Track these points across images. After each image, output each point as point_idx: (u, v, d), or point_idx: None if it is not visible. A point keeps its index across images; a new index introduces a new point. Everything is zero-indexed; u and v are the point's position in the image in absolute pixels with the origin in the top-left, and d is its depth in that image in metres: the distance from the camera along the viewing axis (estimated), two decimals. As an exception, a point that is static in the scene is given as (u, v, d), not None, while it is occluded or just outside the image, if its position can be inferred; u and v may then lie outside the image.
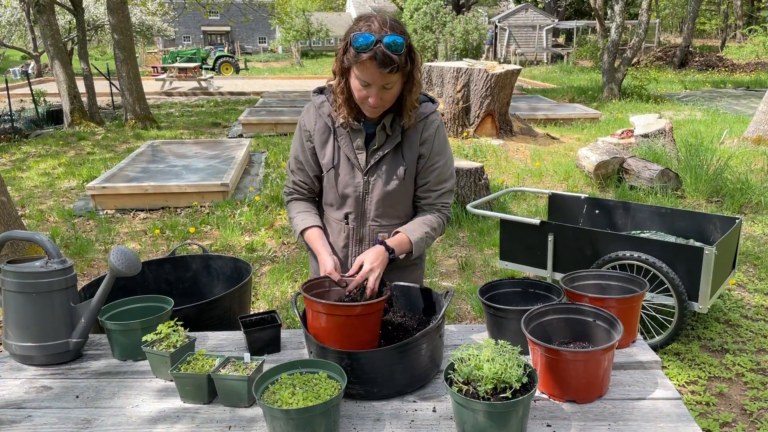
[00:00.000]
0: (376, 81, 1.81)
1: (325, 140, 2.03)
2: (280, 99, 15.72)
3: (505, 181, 7.38)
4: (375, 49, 1.75)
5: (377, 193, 2.03)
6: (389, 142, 1.99)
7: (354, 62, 1.80)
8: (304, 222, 2.09)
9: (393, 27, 1.80)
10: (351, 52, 1.79)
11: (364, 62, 1.77)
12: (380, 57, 1.75)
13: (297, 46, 35.61)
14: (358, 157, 2.01)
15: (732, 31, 35.82)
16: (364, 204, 2.05)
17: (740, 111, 13.21)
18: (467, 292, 4.52)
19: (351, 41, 1.79)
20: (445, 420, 1.56)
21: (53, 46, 11.40)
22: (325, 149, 2.04)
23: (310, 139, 2.06)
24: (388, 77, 1.80)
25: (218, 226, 6.01)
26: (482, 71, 9.15)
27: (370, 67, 1.78)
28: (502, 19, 29.07)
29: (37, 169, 8.62)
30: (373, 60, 1.76)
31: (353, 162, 2.01)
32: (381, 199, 2.04)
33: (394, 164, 2.01)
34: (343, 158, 2.02)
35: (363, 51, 1.76)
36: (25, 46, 25.48)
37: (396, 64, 1.77)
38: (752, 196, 6.45)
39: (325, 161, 2.04)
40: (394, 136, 1.99)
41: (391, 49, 1.75)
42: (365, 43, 1.75)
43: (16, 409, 1.66)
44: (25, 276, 1.84)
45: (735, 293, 4.48)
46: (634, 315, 1.89)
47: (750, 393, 3.28)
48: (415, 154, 2.02)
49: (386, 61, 1.76)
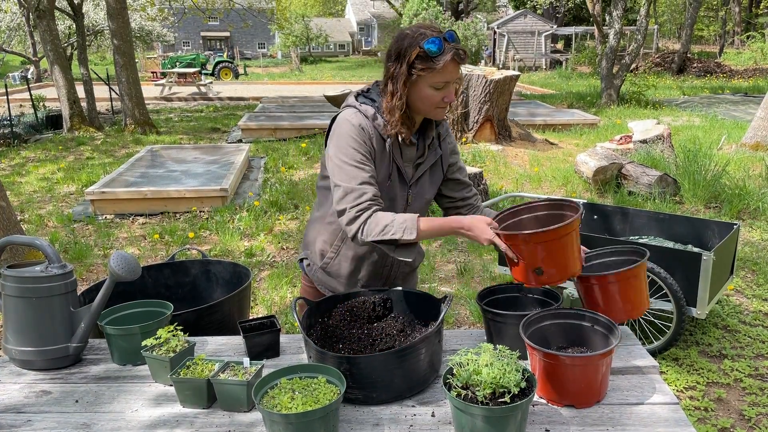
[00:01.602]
0: (453, 77, 1.85)
1: (383, 153, 1.94)
2: (279, 104, 15.77)
3: (503, 187, 7.40)
4: (451, 46, 1.80)
5: (417, 204, 2.06)
6: (432, 155, 2.04)
7: (434, 67, 1.81)
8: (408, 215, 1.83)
9: (435, 27, 1.85)
10: (426, 62, 1.80)
11: (447, 63, 1.81)
12: (458, 52, 1.81)
13: (296, 52, 35.67)
14: (406, 170, 2.00)
15: (730, 37, 35.96)
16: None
17: (738, 117, 13.25)
18: (466, 297, 4.53)
19: (425, 51, 1.79)
20: (443, 425, 1.56)
21: (53, 51, 11.42)
22: (382, 163, 1.95)
23: (372, 149, 1.91)
24: (459, 71, 1.87)
25: (217, 231, 6.01)
26: (481, 77, 9.18)
27: (450, 65, 1.82)
28: (500, 25, 29.16)
29: (36, 174, 8.62)
30: (455, 57, 1.81)
31: (404, 174, 2.00)
32: (418, 210, 2.06)
33: (434, 177, 2.08)
34: (395, 171, 1.98)
35: (444, 53, 1.79)
36: (24, 51, 25.51)
37: (466, 53, 1.84)
38: (750, 201, 6.47)
39: (382, 175, 1.95)
40: (434, 148, 2.04)
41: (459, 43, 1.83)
42: (440, 46, 1.79)
43: (15, 414, 1.66)
44: (25, 281, 1.84)
45: (733, 299, 4.48)
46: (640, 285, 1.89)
47: (748, 398, 3.29)
48: (447, 163, 2.11)
49: (462, 54, 1.82)
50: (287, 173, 8.39)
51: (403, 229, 1.78)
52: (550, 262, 1.72)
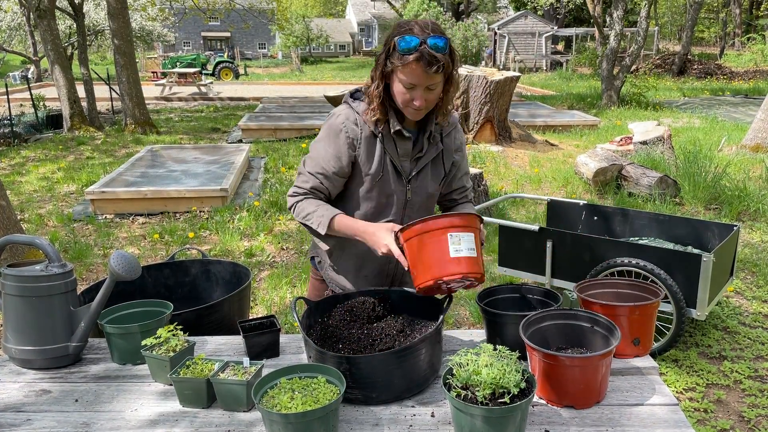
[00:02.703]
0: (421, 82, 1.82)
1: (372, 149, 1.97)
2: (279, 105, 15.76)
3: (504, 188, 7.40)
4: (421, 50, 1.77)
5: (418, 199, 2.05)
6: (432, 150, 2.02)
7: (400, 65, 1.81)
8: (329, 211, 1.96)
9: (434, 29, 1.82)
10: (396, 56, 1.81)
11: (411, 64, 1.79)
12: (427, 57, 1.77)
13: (297, 52, 35.69)
14: (402, 164, 2.00)
15: (731, 39, 35.97)
16: (405, 211, 2.06)
17: (738, 118, 13.25)
18: (465, 297, 4.53)
19: (395, 45, 1.80)
20: (443, 425, 1.56)
21: (53, 50, 11.42)
22: (373, 158, 1.98)
23: (354, 147, 1.96)
24: (432, 78, 1.82)
25: (217, 231, 6.01)
26: (481, 78, 9.18)
27: (417, 69, 1.80)
28: (501, 26, 29.16)
29: (36, 173, 8.62)
30: (420, 61, 1.78)
31: (400, 169, 2.00)
32: (421, 206, 2.07)
33: (435, 171, 2.06)
34: (389, 166, 1.99)
35: (409, 53, 1.78)
36: (25, 51, 25.50)
37: (441, 63, 1.79)
38: (750, 203, 6.47)
39: (373, 170, 1.98)
40: (435, 143, 2.03)
41: (435, 50, 1.78)
42: (411, 45, 1.78)
43: (15, 413, 1.66)
44: (25, 280, 1.84)
45: (733, 300, 4.48)
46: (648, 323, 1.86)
47: (748, 400, 3.29)
48: (451, 160, 2.10)
49: (432, 61, 1.78)
50: (287, 173, 8.39)
51: (318, 222, 1.95)
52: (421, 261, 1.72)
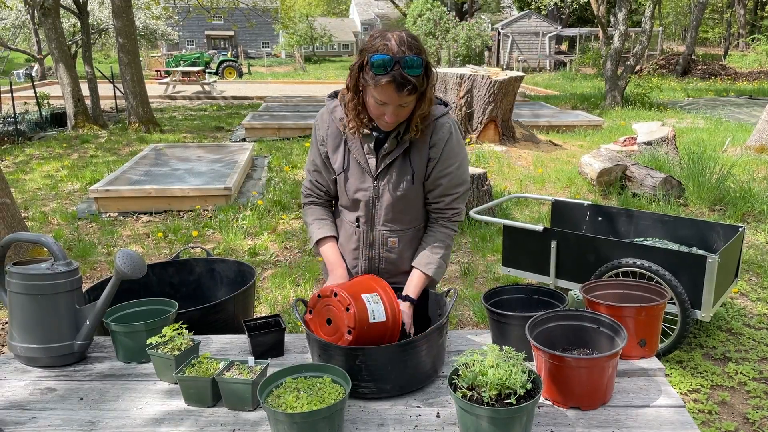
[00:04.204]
0: (393, 101, 1.80)
1: (337, 145, 2.04)
2: (283, 103, 15.77)
3: (507, 188, 7.39)
4: (393, 73, 1.73)
5: (387, 198, 2.02)
6: (399, 147, 1.98)
7: (372, 84, 1.77)
8: (320, 231, 2.12)
9: (411, 46, 1.76)
10: (369, 74, 1.77)
11: (382, 85, 1.75)
12: (399, 80, 1.74)
13: (300, 51, 35.69)
14: (368, 161, 2.00)
15: (735, 39, 35.86)
16: (374, 208, 2.05)
17: (743, 119, 13.22)
18: (469, 298, 4.52)
19: (368, 61, 1.76)
20: (448, 425, 1.56)
21: (57, 49, 11.44)
22: (337, 153, 2.04)
23: (323, 143, 2.07)
24: (405, 98, 1.79)
25: (221, 229, 6.02)
26: (485, 78, 9.17)
27: (388, 89, 1.76)
28: (505, 26, 29.12)
29: (40, 171, 8.64)
30: (392, 83, 1.74)
31: (363, 166, 2.01)
32: (390, 205, 2.03)
33: (403, 169, 1.99)
34: (353, 162, 2.02)
35: (381, 74, 1.74)
36: (29, 49, 25.54)
37: (413, 85, 1.76)
38: (755, 204, 6.45)
39: (336, 165, 2.05)
40: (403, 143, 1.99)
41: (409, 72, 1.74)
42: (383, 65, 1.73)
43: (20, 411, 1.67)
44: (30, 278, 1.84)
45: (738, 302, 4.47)
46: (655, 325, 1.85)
47: (752, 402, 3.28)
48: (425, 158, 1.98)
49: (404, 83, 1.74)
50: (291, 172, 8.39)
51: (310, 237, 2.15)
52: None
